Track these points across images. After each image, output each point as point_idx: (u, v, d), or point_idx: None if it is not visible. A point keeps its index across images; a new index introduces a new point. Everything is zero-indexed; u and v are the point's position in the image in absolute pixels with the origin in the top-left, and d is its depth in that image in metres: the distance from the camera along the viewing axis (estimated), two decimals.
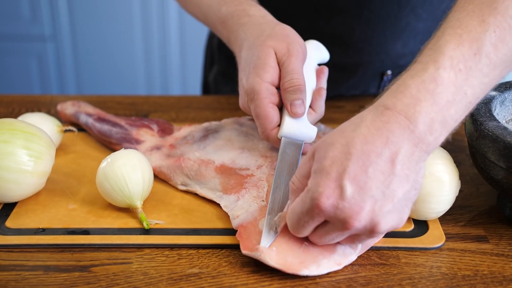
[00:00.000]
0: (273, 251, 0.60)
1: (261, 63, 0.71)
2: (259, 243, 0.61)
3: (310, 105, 0.74)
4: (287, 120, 0.70)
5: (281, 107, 0.73)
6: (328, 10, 0.93)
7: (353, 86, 1.03)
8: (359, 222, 0.55)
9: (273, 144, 0.72)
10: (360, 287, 0.59)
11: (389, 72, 1.01)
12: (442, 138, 0.58)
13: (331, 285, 0.59)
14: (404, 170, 0.55)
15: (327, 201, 0.55)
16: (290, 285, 0.59)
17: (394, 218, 0.56)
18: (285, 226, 0.62)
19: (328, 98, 1.04)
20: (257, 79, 0.70)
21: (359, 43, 0.96)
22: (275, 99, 0.71)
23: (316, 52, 0.80)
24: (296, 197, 0.60)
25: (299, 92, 0.70)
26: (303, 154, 0.70)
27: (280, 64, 0.72)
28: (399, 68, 1.01)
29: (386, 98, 0.58)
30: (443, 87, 0.57)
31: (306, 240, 0.61)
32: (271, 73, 0.71)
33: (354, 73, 1.01)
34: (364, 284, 0.59)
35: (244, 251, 0.61)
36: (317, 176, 0.56)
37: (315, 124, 0.76)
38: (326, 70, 0.79)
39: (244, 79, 0.72)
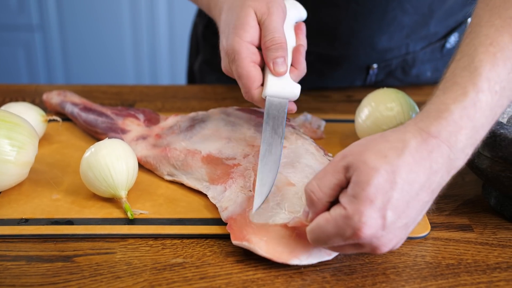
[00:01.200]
0: (263, 241, 0.60)
1: (240, 23, 0.70)
2: (249, 233, 0.61)
3: (291, 63, 0.73)
4: (270, 79, 0.69)
5: (263, 67, 0.72)
6: (315, 2, 0.93)
7: (338, 79, 1.03)
8: (387, 248, 0.55)
9: (257, 104, 0.71)
10: (344, 276, 0.59)
11: (375, 65, 1.01)
12: (466, 160, 0.58)
13: (315, 275, 0.59)
14: (433, 196, 0.57)
15: (369, 231, 0.53)
16: (275, 274, 0.59)
17: (406, 236, 0.57)
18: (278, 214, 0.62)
19: (314, 89, 1.04)
20: (236, 38, 0.69)
21: (345, 36, 0.95)
22: (257, 58, 0.70)
23: (294, 11, 0.80)
24: (317, 209, 0.57)
25: (281, 50, 0.69)
26: (288, 112, 0.70)
27: (260, 24, 0.71)
28: (385, 62, 1.01)
29: (429, 123, 0.56)
30: (481, 111, 0.57)
31: (297, 229, 0.61)
32: (251, 33, 0.70)
33: (340, 66, 1.00)
34: (349, 273, 0.59)
35: (235, 242, 0.61)
36: (359, 203, 0.53)
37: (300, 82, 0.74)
38: (303, 26, 0.78)
39: (224, 41, 0.71)
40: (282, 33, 0.71)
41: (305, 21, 0.96)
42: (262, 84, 0.70)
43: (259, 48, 0.71)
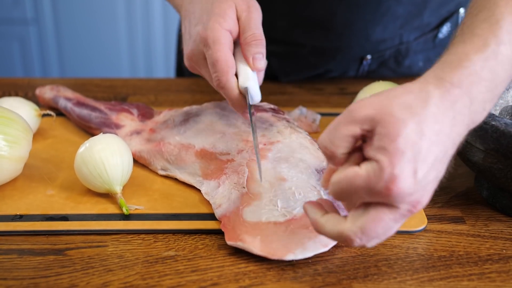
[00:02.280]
0: (257, 239, 0.60)
1: (221, 12, 0.70)
2: (243, 232, 0.61)
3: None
4: (248, 73, 0.70)
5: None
6: None
7: (332, 70, 1.03)
8: (422, 205, 0.53)
9: (228, 93, 0.70)
10: (336, 268, 0.59)
11: (368, 56, 1.01)
12: (484, 114, 0.57)
13: (307, 267, 0.59)
14: (455, 149, 0.55)
15: (401, 184, 0.51)
16: (267, 267, 0.59)
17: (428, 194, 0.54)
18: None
19: (307, 80, 1.04)
20: (216, 25, 0.69)
21: (339, 27, 0.95)
22: (232, 48, 0.71)
23: None
24: (335, 162, 0.55)
25: (261, 46, 0.70)
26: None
27: (239, 19, 0.71)
28: (379, 53, 1.01)
29: (449, 72, 0.55)
30: (502, 64, 0.56)
31: (291, 224, 0.61)
32: (230, 23, 0.70)
33: (334, 57, 1.00)
34: (341, 266, 0.60)
35: (229, 242, 0.61)
36: (391, 155, 0.51)
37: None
38: None
39: (200, 27, 0.70)
40: (262, 30, 0.71)
41: (299, 13, 0.96)
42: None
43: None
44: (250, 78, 0.69)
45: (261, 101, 0.85)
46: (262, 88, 1.01)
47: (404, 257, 0.61)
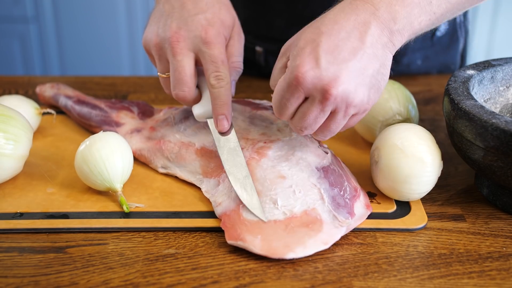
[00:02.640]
0: (258, 239, 0.60)
1: (227, 24, 0.72)
2: (243, 231, 0.61)
3: None
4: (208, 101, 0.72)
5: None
6: None
7: None
8: (336, 90, 0.59)
9: (225, 94, 0.70)
10: (336, 266, 0.59)
11: None
12: (406, 34, 0.63)
13: (307, 265, 0.59)
14: (372, 48, 0.61)
15: (304, 70, 0.59)
16: (267, 265, 0.59)
17: (365, 93, 0.61)
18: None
19: None
20: (222, 29, 0.70)
21: None
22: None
23: None
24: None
25: (238, 74, 0.73)
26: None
27: (230, 39, 0.73)
28: None
29: None
30: None
31: (291, 223, 0.61)
32: (228, 31, 0.72)
33: None
34: (341, 263, 0.60)
35: (230, 241, 0.61)
36: (295, 56, 0.61)
37: None
38: None
39: (203, 20, 0.70)
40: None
41: (298, 12, 0.96)
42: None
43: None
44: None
45: (262, 99, 0.86)
46: (263, 86, 1.01)
47: (404, 255, 0.61)
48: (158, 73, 0.73)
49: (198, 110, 0.73)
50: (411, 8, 0.62)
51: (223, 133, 0.71)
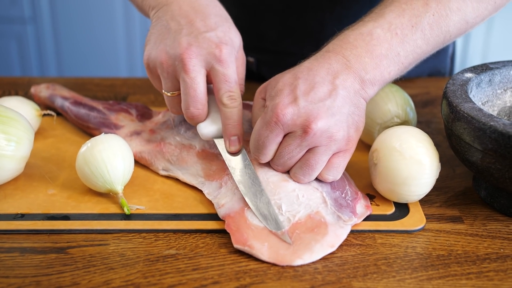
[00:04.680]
0: (265, 246, 0.60)
1: (237, 44, 0.71)
2: (250, 236, 0.62)
3: None
4: (217, 121, 0.71)
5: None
6: (300, 6, 0.93)
7: None
8: (316, 124, 0.62)
9: (236, 113, 0.69)
10: (336, 267, 0.60)
11: None
12: (377, 84, 0.66)
13: (307, 266, 0.60)
14: (345, 91, 0.64)
15: (284, 107, 0.62)
16: (267, 265, 0.60)
17: (345, 129, 0.64)
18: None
19: None
20: (233, 50, 0.69)
21: (330, 36, 0.96)
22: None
23: None
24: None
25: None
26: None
27: (235, 61, 0.71)
28: None
29: (326, 47, 0.68)
30: (378, 41, 0.66)
31: (297, 229, 0.62)
32: (236, 51, 0.71)
33: None
34: (340, 264, 0.60)
35: (236, 246, 0.61)
36: (273, 97, 0.64)
37: None
38: None
39: (220, 31, 0.69)
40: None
41: (290, 24, 0.96)
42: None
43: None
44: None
45: None
46: None
47: (403, 256, 0.62)
48: (164, 92, 0.71)
49: (206, 129, 0.70)
50: (379, 60, 0.66)
51: (233, 153, 0.70)
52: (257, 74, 1.04)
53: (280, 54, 1.00)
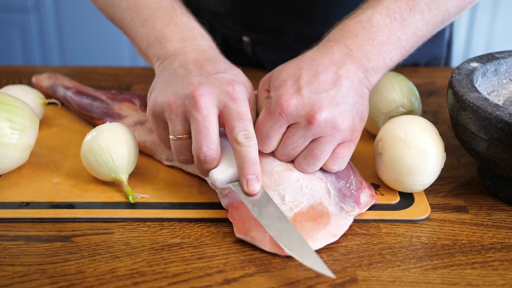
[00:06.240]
0: (267, 236, 0.60)
1: (247, 88, 0.67)
2: (252, 226, 0.62)
3: None
4: (230, 165, 0.64)
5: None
6: None
7: None
8: (321, 114, 0.61)
9: (251, 153, 0.62)
10: (341, 256, 0.60)
11: None
12: (380, 71, 0.67)
13: None
14: (349, 81, 0.64)
15: (288, 98, 0.62)
16: (272, 254, 0.60)
17: (350, 119, 0.64)
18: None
19: None
20: (245, 91, 0.65)
21: (322, 14, 0.96)
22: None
23: None
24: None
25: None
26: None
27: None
28: None
29: (327, 36, 0.68)
30: (378, 28, 0.66)
31: (299, 218, 0.62)
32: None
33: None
34: (345, 254, 0.60)
35: (238, 235, 0.61)
36: (277, 88, 0.64)
37: None
38: None
39: (231, 74, 0.66)
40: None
41: (283, 2, 0.96)
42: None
43: None
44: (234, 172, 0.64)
45: None
46: (261, 78, 1.01)
47: (408, 245, 0.62)
48: (171, 137, 0.65)
49: (221, 174, 0.63)
50: (381, 47, 0.66)
51: (252, 195, 0.62)
52: (253, 57, 1.04)
53: (274, 32, 1.00)
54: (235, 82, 0.64)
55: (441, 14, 0.70)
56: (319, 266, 0.55)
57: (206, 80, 0.64)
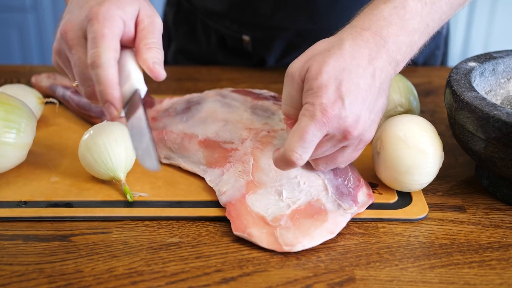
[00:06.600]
0: (263, 233, 0.61)
1: (122, 2, 0.62)
2: (250, 223, 0.62)
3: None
4: (140, 75, 0.63)
5: None
6: None
7: None
8: (357, 130, 0.61)
9: (101, 75, 0.59)
10: (339, 255, 0.60)
11: None
12: (406, 60, 0.65)
13: (310, 254, 0.60)
14: (382, 84, 0.63)
15: (332, 109, 0.59)
16: (270, 254, 0.60)
17: (375, 129, 0.63)
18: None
19: None
20: (113, 7, 0.61)
21: (323, 9, 0.96)
22: (120, 37, 0.62)
23: None
24: (293, 123, 0.63)
25: (162, 56, 0.64)
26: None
27: (140, 23, 0.64)
28: None
29: (361, 20, 0.65)
30: (411, 15, 0.64)
31: (296, 214, 0.62)
32: (128, 17, 0.63)
33: (319, 39, 1.01)
34: (343, 253, 0.60)
35: (236, 232, 0.61)
36: (318, 91, 0.60)
37: None
38: None
39: (94, 2, 0.62)
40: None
41: None
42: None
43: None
44: (143, 83, 0.63)
45: (262, 89, 0.86)
46: (264, 76, 1.01)
47: (405, 244, 0.62)
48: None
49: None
50: (412, 36, 0.65)
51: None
52: (253, 55, 1.04)
53: (274, 29, 1.00)
54: (105, 2, 0.61)
55: None
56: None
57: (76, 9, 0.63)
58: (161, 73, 0.63)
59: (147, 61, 0.63)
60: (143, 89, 0.63)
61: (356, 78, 0.61)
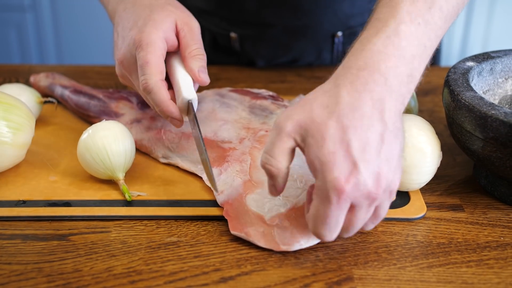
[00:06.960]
0: (260, 233, 0.61)
1: (160, 19, 0.70)
2: (247, 222, 0.62)
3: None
4: (191, 84, 0.71)
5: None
6: None
7: (305, 50, 1.04)
8: (381, 188, 0.54)
9: (155, 99, 0.69)
10: (337, 255, 0.60)
11: (339, 33, 1.02)
12: (412, 90, 0.59)
13: (308, 253, 0.60)
14: (394, 124, 0.56)
15: (349, 183, 0.53)
16: (268, 253, 0.60)
17: (399, 173, 0.56)
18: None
19: (287, 65, 1.05)
20: (153, 30, 0.69)
21: (307, 4, 0.96)
22: (165, 55, 0.70)
23: None
24: (280, 178, 0.57)
25: (205, 61, 0.72)
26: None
27: (179, 33, 0.72)
28: (349, 29, 1.02)
29: (355, 59, 0.58)
30: (407, 41, 0.58)
31: (293, 213, 0.62)
32: (168, 32, 0.70)
33: (304, 35, 1.01)
34: (341, 252, 0.60)
35: (233, 232, 0.62)
36: (327, 163, 0.53)
37: None
38: None
39: (135, 30, 0.70)
40: (203, 46, 0.73)
41: None
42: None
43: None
44: (193, 91, 0.70)
45: (260, 88, 0.86)
46: (262, 76, 1.01)
47: (403, 244, 0.62)
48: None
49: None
50: (412, 63, 0.59)
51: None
52: (242, 53, 1.04)
53: (261, 26, 1.00)
54: (145, 26, 0.69)
55: (455, 2, 0.63)
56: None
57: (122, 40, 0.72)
58: (206, 81, 0.71)
59: (193, 70, 0.70)
60: (194, 98, 0.70)
61: (363, 132, 0.54)
